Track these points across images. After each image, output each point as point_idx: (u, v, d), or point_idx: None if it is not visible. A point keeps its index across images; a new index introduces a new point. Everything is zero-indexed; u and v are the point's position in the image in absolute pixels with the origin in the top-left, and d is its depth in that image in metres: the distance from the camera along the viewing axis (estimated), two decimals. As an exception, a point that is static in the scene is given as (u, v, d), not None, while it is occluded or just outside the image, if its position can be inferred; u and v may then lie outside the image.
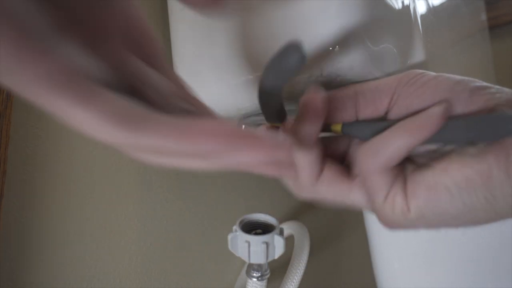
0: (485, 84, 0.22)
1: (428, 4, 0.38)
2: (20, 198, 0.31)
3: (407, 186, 0.21)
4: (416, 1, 0.34)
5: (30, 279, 0.30)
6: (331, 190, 0.22)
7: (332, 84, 0.26)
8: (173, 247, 0.42)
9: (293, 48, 0.18)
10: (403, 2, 0.31)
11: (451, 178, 0.20)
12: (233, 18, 0.29)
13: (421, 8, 0.35)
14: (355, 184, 0.22)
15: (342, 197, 0.22)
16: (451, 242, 0.37)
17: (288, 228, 0.50)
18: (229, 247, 0.31)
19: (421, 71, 0.22)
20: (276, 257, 0.31)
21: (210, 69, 0.31)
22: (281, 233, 0.31)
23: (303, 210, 0.58)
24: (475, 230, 0.36)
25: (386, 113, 0.22)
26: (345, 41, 0.24)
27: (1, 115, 0.28)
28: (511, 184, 0.19)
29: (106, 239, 0.36)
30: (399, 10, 0.31)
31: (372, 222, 0.40)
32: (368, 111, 0.22)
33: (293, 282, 0.46)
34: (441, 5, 0.44)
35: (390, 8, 0.29)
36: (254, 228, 0.32)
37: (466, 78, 0.22)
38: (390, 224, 0.22)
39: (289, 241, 0.49)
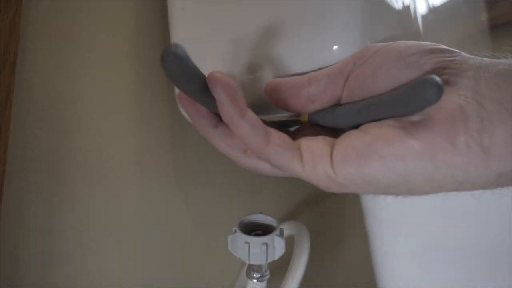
0: (439, 47, 0.20)
1: (428, 4, 0.38)
2: (20, 198, 0.31)
3: (334, 151, 0.20)
4: (416, 1, 0.34)
5: (30, 279, 0.30)
6: (276, 156, 0.21)
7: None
8: (173, 247, 0.42)
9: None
10: (403, 2, 0.31)
11: (387, 146, 0.19)
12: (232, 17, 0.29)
13: (421, 8, 0.35)
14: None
15: (286, 163, 0.21)
16: (452, 242, 0.37)
17: (288, 228, 0.50)
18: (229, 248, 0.31)
19: (375, 44, 0.21)
20: (276, 258, 0.31)
21: (210, 69, 0.31)
22: (281, 234, 0.31)
23: (303, 210, 0.58)
24: (476, 230, 0.36)
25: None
26: (345, 41, 0.24)
27: (1, 115, 0.28)
28: (456, 154, 0.17)
29: (106, 239, 0.36)
30: (399, 10, 0.31)
31: (372, 222, 0.40)
32: (325, 96, 0.22)
33: (293, 282, 0.46)
34: (441, 5, 0.44)
35: (390, 8, 0.29)
36: (254, 229, 0.32)
37: (420, 42, 0.20)
38: (320, 187, 0.21)
39: (289, 241, 0.49)
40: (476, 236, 0.36)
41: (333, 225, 0.67)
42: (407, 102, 0.18)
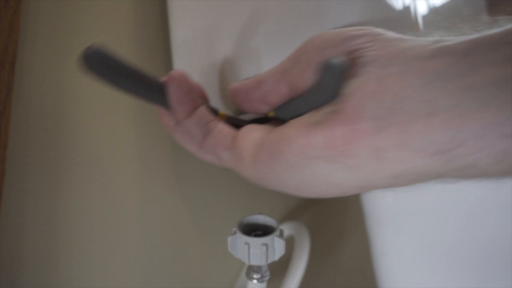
0: (359, 32, 0.19)
1: (428, 4, 0.38)
2: (20, 198, 0.31)
3: (256, 147, 0.20)
4: (417, 1, 0.34)
5: (30, 279, 0.30)
6: (211, 148, 0.23)
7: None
8: (173, 247, 0.42)
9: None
10: (403, 2, 0.31)
11: (288, 146, 0.18)
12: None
13: (421, 8, 0.35)
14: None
15: (218, 155, 0.23)
16: (452, 242, 0.37)
17: (288, 228, 0.50)
18: (229, 249, 0.31)
19: (314, 35, 0.21)
20: (276, 258, 0.31)
21: (210, 69, 0.31)
22: (281, 234, 0.31)
23: (303, 210, 0.58)
24: (476, 230, 0.36)
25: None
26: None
27: (1, 115, 0.28)
28: (352, 155, 0.17)
29: (106, 239, 0.36)
30: (399, 10, 0.31)
31: (372, 222, 0.40)
32: (273, 97, 0.22)
33: (293, 282, 0.46)
34: (441, 5, 0.44)
35: (390, 8, 0.29)
36: (253, 229, 0.32)
37: (345, 28, 0.19)
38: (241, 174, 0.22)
39: (289, 241, 0.49)
40: (475, 236, 0.36)
41: (333, 225, 0.67)
42: (314, 90, 0.18)
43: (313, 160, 0.18)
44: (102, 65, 0.19)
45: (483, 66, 0.15)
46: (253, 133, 0.22)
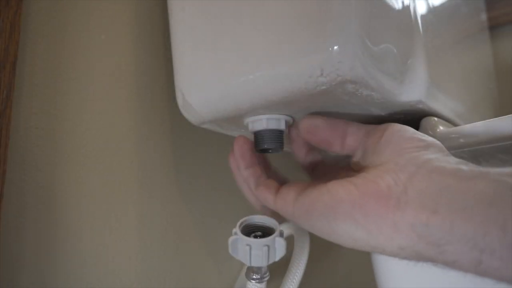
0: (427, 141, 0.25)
1: (428, 4, 0.38)
2: (20, 198, 0.31)
3: (300, 201, 0.26)
4: (416, 1, 0.34)
5: (30, 279, 0.30)
6: (263, 198, 0.30)
7: (332, 84, 0.26)
8: (173, 247, 0.42)
9: None
10: (403, 2, 0.31)
11: (321, 201, 0.24)
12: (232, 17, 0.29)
13: (421, 8, 0.35)
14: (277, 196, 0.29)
15: (268, 203, 0.30)
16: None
17: (288, 228, 0.50)
18: (230, 251, 0.30)
19: (394, 127, 0.27)
20: (277, 259, 0.31)
21: (210, 69, 0.31)
22: (281, 235, 0.31)
23: (303, 210, 0.58)
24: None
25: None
26: (345, 41, 0.24)
27: (1, 115, 0.28)
28: (372, 221, 0.22)
29: (106, 239, 0.36)
30: (399, 10, 0.31)
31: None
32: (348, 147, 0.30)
33: (293, 282, 0.46)
34: (441, 5, 0.44)
35: (390, 8, 0.29)
36: (253, 230, 0.32)
37: (421, 135, 0.26)
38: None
39: (289, 241, 0.49)
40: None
41: (333, 225, 0.66)
42: None
43: (345, 218, 0.23)
44: None
45: (477, 191, 0.19)
46: (295, 184, 0.28)
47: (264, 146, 0.31)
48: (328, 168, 0.33)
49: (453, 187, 0.20)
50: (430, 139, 0.25)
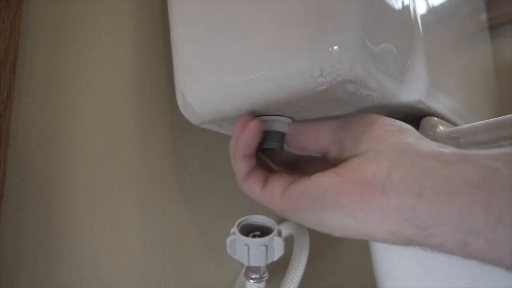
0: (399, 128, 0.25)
1: (428, 4, 0.38)
2: (20, 198, 0.31)
3: (285, 189, 0.26)
4: (416, 1, 0.34)
5: (30, 279, 0.30)
6: (250, 189, 0.29)
7: (333, 84, 0.26)
8: (173, 247, 0.42)
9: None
10: (403, 2, 0.31)
11: (307, 194, 0.24)
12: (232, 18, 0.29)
13: (421, 8, 0.35)
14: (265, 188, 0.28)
15: (255, 197, 0.29)
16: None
17: (288, 228, 0.50)
18: (228, 251, 0.30)
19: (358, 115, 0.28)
20: (275, 259, 0.31)
21: (210, 69, 0.31)
22: (279, 235, 0.31)
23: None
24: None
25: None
26: (345, 41, 0.24)
27: (1, 115, 0.28)
28: (360, 208, 0.22)
29: (106, 239, 0.36)
30: (399, 10, 0.31)
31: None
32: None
33: (293, 282, 0.46)
34: (441, 5, 0.44)
35: (390, 8, 0.29)
36: (251, 230, 0.32)
37: (394, 123, 0.26)
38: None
39: (289, 241, 0.49)
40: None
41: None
42: None
43: (332, 207, 0.23)
44: None
45: (462, 175, 0.19)
46: (282, 177, 0.28)
47: (266, 146, 0.31)
48: (311, 160, 0.33)
49: (437, 170, 0.20)
50: (401, 123, 0.26)
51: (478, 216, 0.18)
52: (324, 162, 0.29)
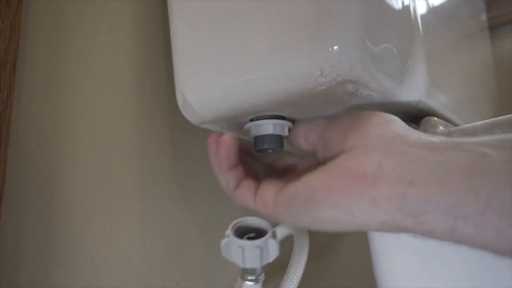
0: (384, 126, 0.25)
1: (428, 4, 0.38)
2: (20, 198, 0.31)
3: (277, 193, 0.26)
4: (416, 1, 0.34)
5: (30, 279, 0.30)
6: (242, 197, 0.30)
7: (333, 84, 0.26)
8: (173, 247, 0.42)
9: None
10: (403, 2, 0.31)
11: (299, 196, 0.24)
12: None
13: (421, 8, 0.35)
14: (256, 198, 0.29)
15: (248, 205, 0.29)
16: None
17: (288, 228, 0.50)
18: (222, 253, 0.30)
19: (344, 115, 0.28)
20: (270, 260, 0.31)
21: (210, 69, 0.31)
22: (274, 236, 0.31)
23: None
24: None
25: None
26: (345, 41, 0.24)
27: (1, 115, 0.28)
28: (352, 200, 0.22)
29: (106, 239, 0.36)
30: (399, 10, 0.31)
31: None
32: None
33: (293, 282, 0.46)
34: (441, 5, 0.44)
35: (390, 8, 0.29)
36: (246, 232, 0.32)
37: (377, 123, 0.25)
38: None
39: (289, 241, 0.49)
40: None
41: (333, 225, 0.67)
42: None
43: (325, 205, 0.23)
44: None
45: (452, 161, 0.20)
46: (272, 183, 0.28)
47: (265, 146, 0.31)
48: (302, 161, 0.33)
49: (427, 158, 0.20)
50: (387, 114, 0.26)
51: (467, 201, 0.18)
52: (314, 162, 0.29)
